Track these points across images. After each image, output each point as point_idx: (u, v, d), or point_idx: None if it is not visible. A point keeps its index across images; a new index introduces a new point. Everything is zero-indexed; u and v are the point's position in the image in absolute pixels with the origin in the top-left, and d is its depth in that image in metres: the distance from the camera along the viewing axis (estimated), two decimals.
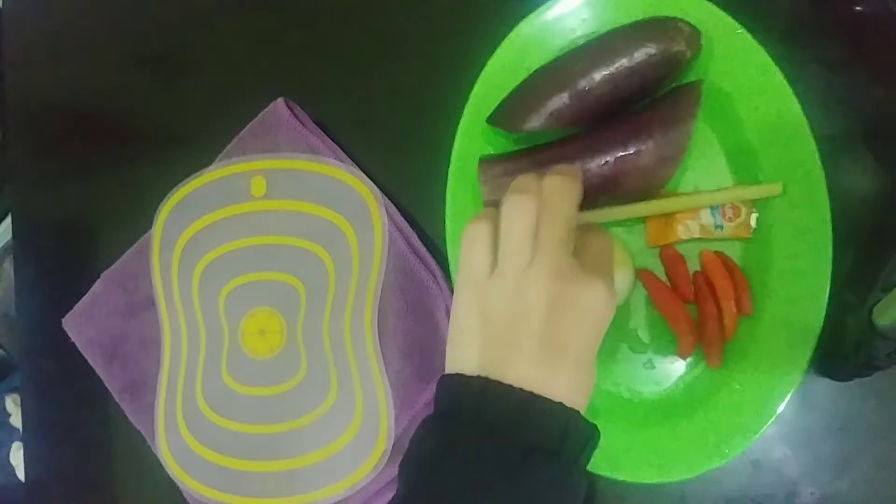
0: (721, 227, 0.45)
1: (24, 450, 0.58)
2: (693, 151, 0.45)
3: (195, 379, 0.51)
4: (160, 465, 0.51)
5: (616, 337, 0.46)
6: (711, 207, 0.45)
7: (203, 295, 0.51)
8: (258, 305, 0.50)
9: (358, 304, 0.47)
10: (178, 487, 0.51)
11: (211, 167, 0.52)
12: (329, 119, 0.52)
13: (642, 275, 0.46)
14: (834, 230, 0.42)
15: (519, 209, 0.34)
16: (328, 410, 0.48)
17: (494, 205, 0.44)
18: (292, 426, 0.48)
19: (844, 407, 0.45)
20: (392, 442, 0.45)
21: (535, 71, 0.45)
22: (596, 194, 0.43)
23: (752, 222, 0.44)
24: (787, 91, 0.43)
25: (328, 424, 0.47)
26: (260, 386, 0.49)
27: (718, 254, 0.45)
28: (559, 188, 0.34)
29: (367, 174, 0.49)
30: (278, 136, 0.50)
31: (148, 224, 0.53)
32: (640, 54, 0.42)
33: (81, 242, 0.58)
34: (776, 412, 0.42)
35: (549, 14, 0.47)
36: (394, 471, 0.46)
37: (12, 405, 1.04)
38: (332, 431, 0.47)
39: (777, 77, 0.43)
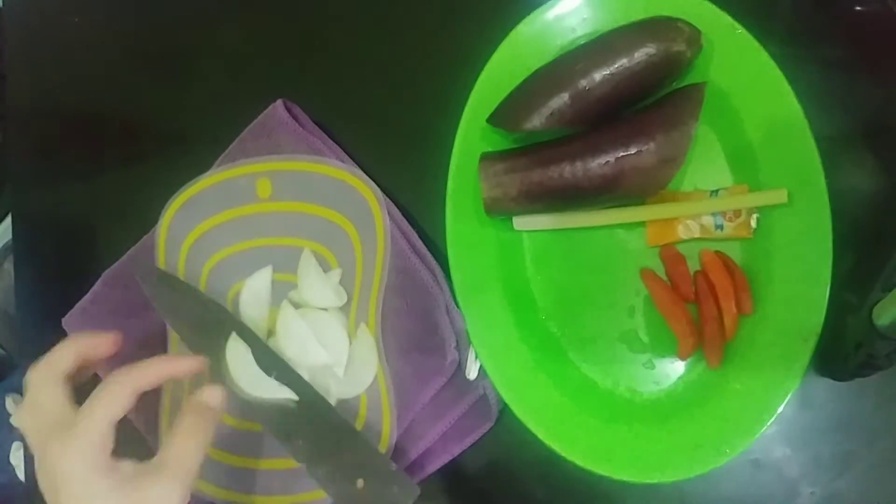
0: (721, 226, 0.45)
1: (25, 449, 0.58)
2: (693, 150, 0.45)
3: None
4: None
5: (616, 337, 0.46)
6: None
7: (211, 295, 0.51)
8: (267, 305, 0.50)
9: (362, 304, 0.47)
10: None
11: (213, 169, 0.52)
12: (330, 119, 0.52)
13: (643, 274, 0.46)
14: (834, 230, 0.42)
15: None
16: None
17: (494, 202, 0.45)
18: None
19: (844, 407, 0.45)
20: (395, 441, 0.45)
21: (535, 71, 0.45)
22: (596, 194, 0.43)
23: (753, 222, 0.44)
24: (787, 91, 0.43)
25: None
26: None
27: (719, 253, 0.45)
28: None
29: (367, 174, 0.49)
30: (279, 138, 0.50)
31: (149, 223, 0.52)
32: (640, 54, 0.42)
33: (81, 242, 0.57)
34: (776, 412, 0.42)
35: (549, 14, 0.47)
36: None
37: (12, 405, 1.04)
38: None
39: (777, 77, 0.43)
